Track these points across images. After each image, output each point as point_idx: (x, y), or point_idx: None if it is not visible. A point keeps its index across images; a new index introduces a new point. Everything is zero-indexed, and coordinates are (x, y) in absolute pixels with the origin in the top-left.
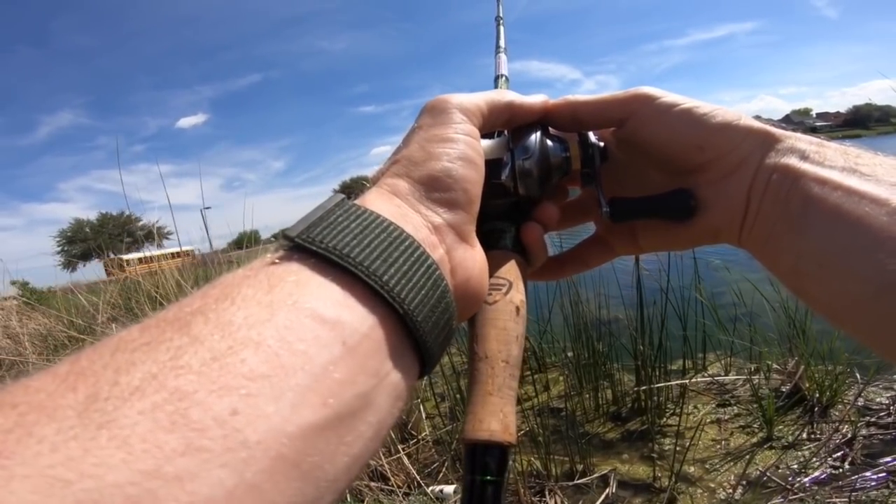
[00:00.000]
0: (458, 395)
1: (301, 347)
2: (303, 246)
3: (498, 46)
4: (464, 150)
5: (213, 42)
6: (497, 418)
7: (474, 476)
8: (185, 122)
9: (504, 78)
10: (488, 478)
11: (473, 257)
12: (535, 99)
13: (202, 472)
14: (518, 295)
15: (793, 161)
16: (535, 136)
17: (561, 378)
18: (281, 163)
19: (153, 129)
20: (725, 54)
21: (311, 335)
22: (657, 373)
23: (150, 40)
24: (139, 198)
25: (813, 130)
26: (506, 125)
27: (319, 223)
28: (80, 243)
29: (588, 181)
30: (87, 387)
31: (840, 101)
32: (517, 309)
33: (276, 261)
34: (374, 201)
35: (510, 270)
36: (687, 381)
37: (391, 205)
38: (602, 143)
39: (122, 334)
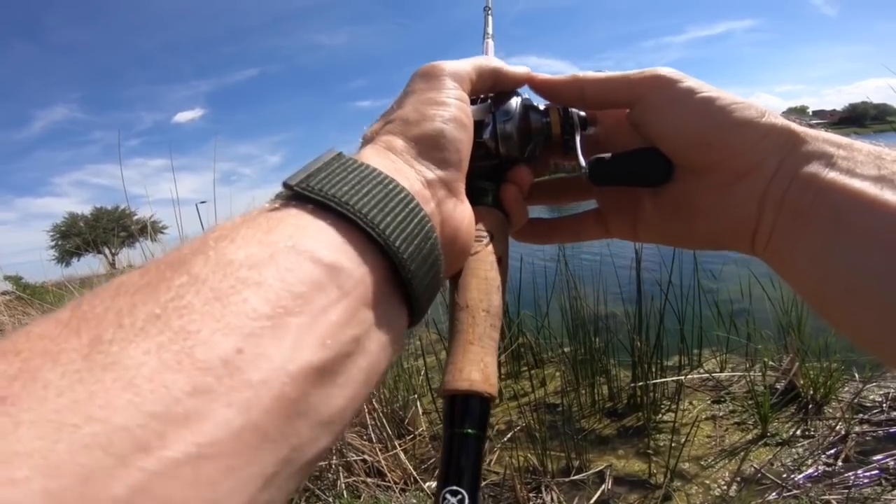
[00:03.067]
0: None
1: (301, 290)
2: (301, 194)
3: (486, 33)
4: (455, 113)
5: (209, 36)
6: (478, 367)
7: (454, 429)
8: (182, 116)
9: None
10: (469, 431)
11: (462, 211)
12: (519, 68)
13: (209, 412)
14: (500, 246)
15: (817, 168)
16: (516, 101)
17: (557, 374)
18: (277, 157)
19: (148, 124)
20: (723, 52)
21: (310, 277)
22: (653, 369)
23: (146, 35)
24: (134, 192)
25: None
26: (490, 90)
27: (318, 174)
28: (74, 237)
29: (568, 148)
30: (90, 330)
31: (836, 99)
32: (499, 259)
33: (276, 207)
34: (371, 156)
35: (492, 223)
36: (683, 377)
37: (387, 160)
38: (584, 113)
39: (122, 278)
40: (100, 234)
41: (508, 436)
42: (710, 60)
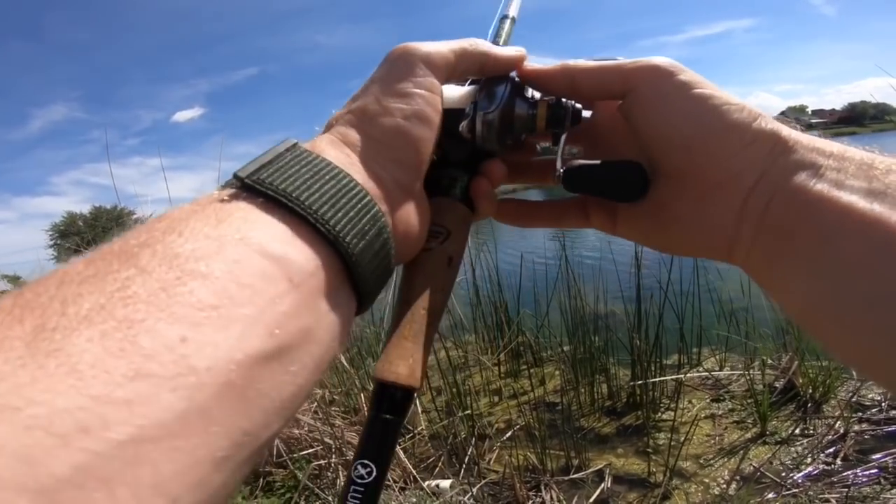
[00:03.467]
0: (454, 390)
1: (248, 281)
2: (252, 186)
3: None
4: (419, 108)
5: (209, 36)
6: (406, 363)
7: (378, 413)
8: (181, 115)
9: (510, 19)
10: (388, 416)
11: (417, 212)
12: (510, 51)
13: (152, 397)
14: (453, 245)
15: (803, 180)
16: (503, 90)
17: (557, 372)
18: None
19: (147, 123)
20: (722, 51)
21: (259, 269)
22: (653, 368)
23: (145, 34)
24: (133, 191)
25: (809, 127)
26: (478, 74)
27: (270, 166)
28: (73, 237)
29: (556, 142)
30: (34, 318)
31: (836, 98)
32: (449, 259)
33: (225, 198)
34: (326, 148)
35: (452, 220)
36: (682, 375)
37: (341, 153)
38: (577, 105)
39: (66, 268)
40: (99, 233)
41: (508, 434)
42: (708, 59)
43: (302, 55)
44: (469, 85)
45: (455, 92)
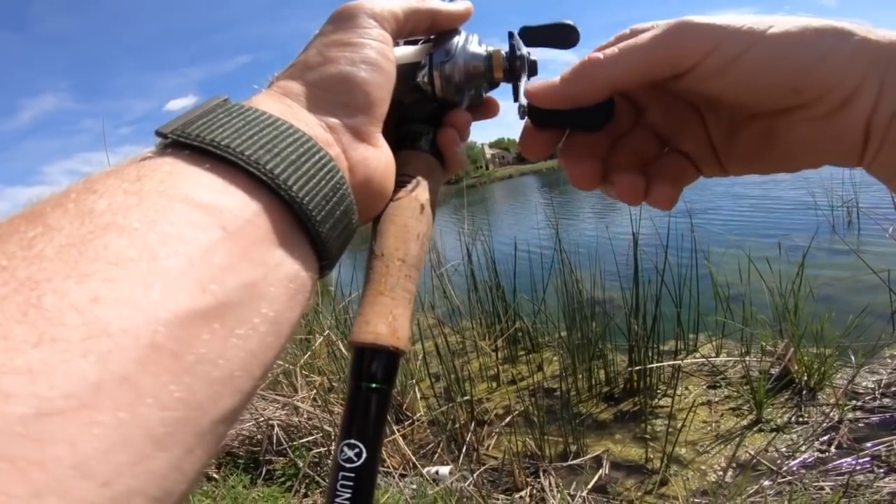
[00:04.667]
0: (452, 376)
1: (173, 231)
2: (178, 142)
3: None
4: (367, 54)
5: (200, 24)
6: (385, 320)
7: (359, 382)
8: (174, 104)
9: None
10: (372, 385)
11: (377, 157)
12: (458, 5)
13: (59, 364)
14: (424, 193)
15: None
16: (457, 41)
17: (555, 358)
18: None
19: (139, 112)
20: None
21: (185, 219)
22: (650, 353)
23: (134, 23)
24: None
25: None
26: (428, 32)
27: (197, 120)
28: None
29: (516, 95)
30: None
31: None
32: (421, 207)
33: (148, 155)
34: (262, 101)
35: (419, 169)
36: (679, 361)
37: (281, 104)
38: (533, 58)
39: None
40: None
41: (506, 420)
42: None
43: (296, 42)
44: (421, 44)
45: (408, 49)
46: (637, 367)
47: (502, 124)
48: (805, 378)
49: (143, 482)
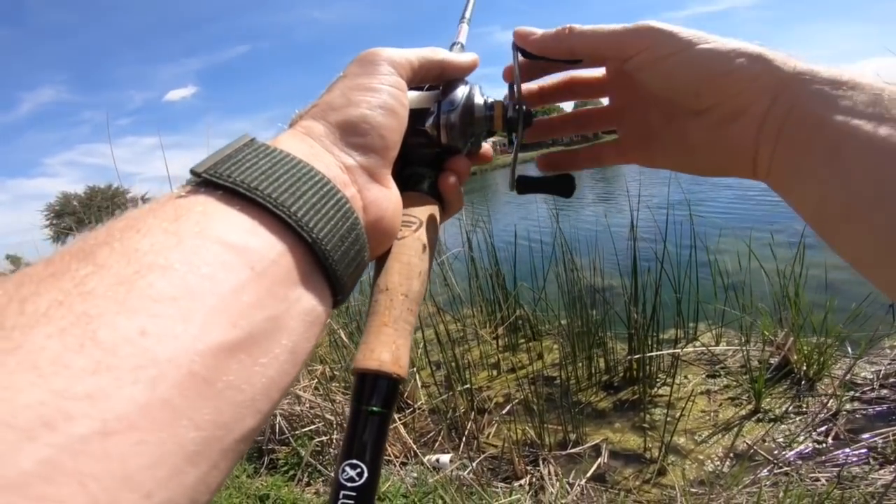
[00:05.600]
0: (453, 364)
1: (208, 271)
2: (210, 181)
3: (463, 17)
4: (385, 100)
5: (197, 14)
6: (389, 349)
7: (360, 405)
8: (174, 94)
9: (460, 45)
10: (374, 409)
11: (388, 197)
12: (466, 58)
13: (114, 389)
14: (427, 234)
15: (813, 107)
16: (463, 91)
17: (555, 346)
18: (270, 134)
19: (139, 103)
20: (725, 29)
21: (219, 260)
22: (650, 342)
23: (132, 14)
24: (127, 170)
25: None
26: (437, 80)
27: (227, 160)
28: (68, 217)
29: (510, 141)
30: None
31: None
32: (423, 246)
33: (183, 194)
34: (286, 141)
35: (423, 211)
36: (679, 350)
37: (304, 145)
38: (530, 109)
39: (27, 270)
40: (94, 212)
41: (506, 409)
42: None
43: (297, 31)
44: (428, 90)
45: (418, 95)
46: (636, 356)
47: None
48: (804, 368)
49: (177, 494)
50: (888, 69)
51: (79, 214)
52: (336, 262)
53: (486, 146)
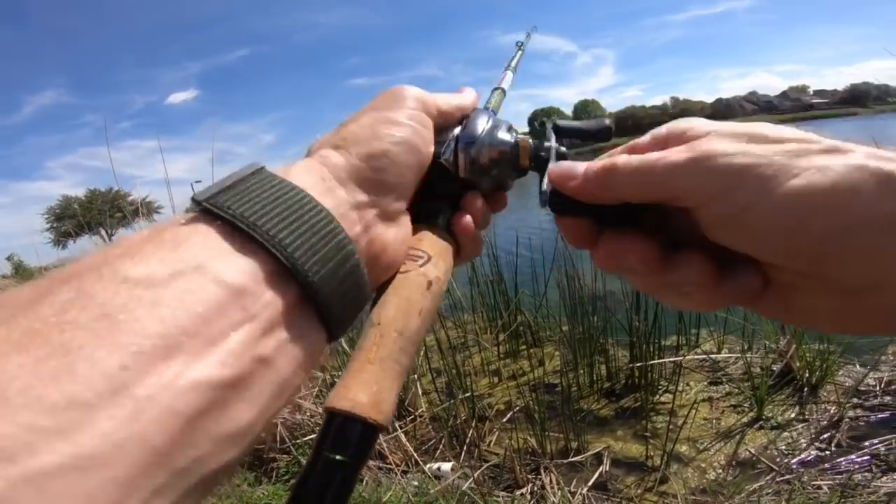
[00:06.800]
0: (454, 371)
1: (200, 310)
2: (210, 210)
3: (509, 65)
4: (409, 136)
5: (197, 18)
6: (368, 390)
7: (322, 452)
8: (175, 97)
9: (501, 91)
10: (337, 458)
11: (394, 233)
12: (468, 97)
13: (86, 425)
14: (434, 270)
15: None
16: (484, 124)
17: (556, 353)
18: (271, 136)
19: (140, 106)
20: (724, 31)
21: (212, 299)
22: (651, 349)
23: (133, 18)
24: (128, 173)
25: (810, 107)
26: (457, 124)
27: (230, 189)
28: (68, 220)
29: (542, 177)
30: None
31: (836, 80)
32: (429, 283)
33: (184, 222)
34: (299, 173)
35: (433, 246)
36: (681, 357)
37: (316, 177)
38: (562, 149)
39: (11, 292)
40: (94, 215)
41: (508, 416)
42: (709, 40)
43: (298, 34)
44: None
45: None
46: (638, 363)
47: (509, 115)
48: (807, 375)
49: None
50: (887, 71)
51: (79, 218)
52: (332, 306)
53: (505, 195)
